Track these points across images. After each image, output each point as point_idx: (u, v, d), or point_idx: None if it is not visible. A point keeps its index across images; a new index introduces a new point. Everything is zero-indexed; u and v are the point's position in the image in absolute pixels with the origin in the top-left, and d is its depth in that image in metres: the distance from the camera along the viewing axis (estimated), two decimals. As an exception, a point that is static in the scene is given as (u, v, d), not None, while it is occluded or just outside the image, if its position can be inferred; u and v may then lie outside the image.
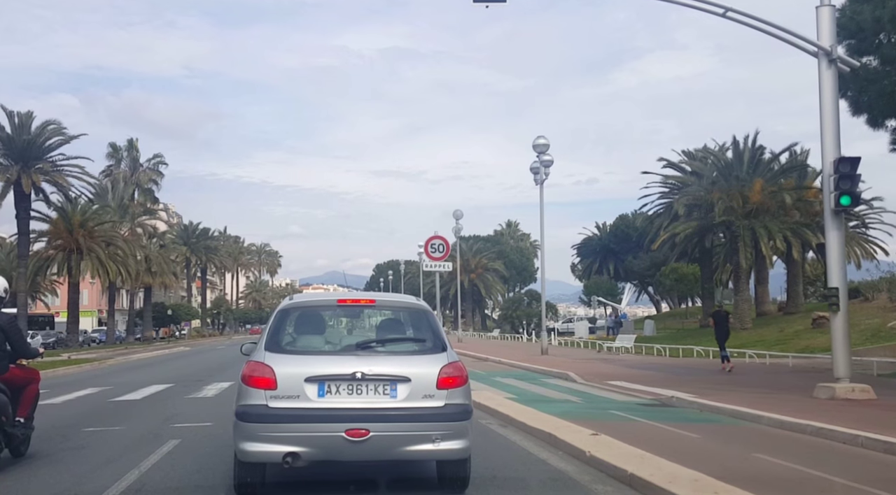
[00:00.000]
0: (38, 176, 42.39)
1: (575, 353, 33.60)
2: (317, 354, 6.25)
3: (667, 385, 16.81)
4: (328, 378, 5.88)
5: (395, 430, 5.83)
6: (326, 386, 5.87)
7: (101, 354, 41.66)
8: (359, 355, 6.09)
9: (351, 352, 6.18)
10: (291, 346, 6.34)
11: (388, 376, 5.93)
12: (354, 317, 7.20)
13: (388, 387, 5.92)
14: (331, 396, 5.86)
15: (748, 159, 38.52)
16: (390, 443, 5.85)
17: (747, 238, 36.50)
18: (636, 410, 12.79)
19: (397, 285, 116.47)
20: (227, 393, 15.84)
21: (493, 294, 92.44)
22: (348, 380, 5.87)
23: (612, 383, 17.88)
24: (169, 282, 67.33)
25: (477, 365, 27.28)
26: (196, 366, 27.83)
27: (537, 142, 31.00)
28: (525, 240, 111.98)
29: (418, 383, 5.94)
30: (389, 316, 6.93)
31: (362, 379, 5.88)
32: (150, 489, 6.65)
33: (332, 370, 5.91)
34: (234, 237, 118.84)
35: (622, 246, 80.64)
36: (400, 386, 5.92)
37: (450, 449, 5.96)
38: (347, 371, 5.88)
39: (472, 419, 6.27)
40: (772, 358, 24.22)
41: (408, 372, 5.96)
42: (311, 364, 5.99)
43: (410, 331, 6.64)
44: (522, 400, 13.96)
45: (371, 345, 6.32)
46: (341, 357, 6.11)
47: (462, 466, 6.31)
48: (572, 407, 13.18)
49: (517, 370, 24.18)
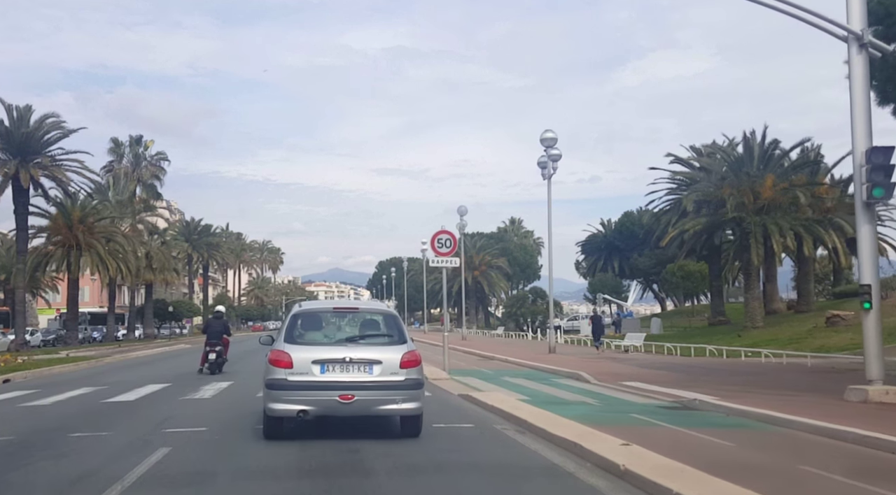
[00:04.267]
0: (36, 170, 41.62)
1: (582, 351, 32.87)
2: (319, 345, 8.97)
3: (684, 386, 16.09)
4: (327, 361, 8.63)
5: (372, 395, 8.60)
6: (326, 367, 8.60)
7: (101, 351, 41.04)
8: (347, 345, 8.90)
9: (342, 344, 8.99)
10: (302, 339, 9.02)
11: (367, 360, 8.69)
12: (344, 319, 9.90)
13: (367, 367, 8.65)
14: (329, 373, 8.59)
15: (759, 154, 37.73)
16: (369, 404, 8.63)
17: (758, 234, 35.70)
18: (658, 414, 12.06)
19: (400, 282, 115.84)
20: (224, 394, 15.13)
21: (496, 291, 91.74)
22: (340, 363, 8.62)
23: (627, 384, 17.17)
24: (170, 278, 66.66)
25: (483, 363, 26.59)
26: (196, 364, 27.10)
27: (545, 136, 30.25)
28: (529, 237, 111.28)
29: (387, 364, 8.68)
30: (368, 318, 9.75)
31: (350, 362, 8.63)
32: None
33: (330, 355, 8.67)
34: (236, 234, 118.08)
35: (627, 243, 79.78)
36: (375, 366, 8.67)
37: (408, 408, 8.76)
38: (340, 356, 8.65)
39: (423, 389, 9.19)
40: (789, 357, 23.44)
41: (380, 357, 8.72)
42: (316, 351, 8.73)
43: (383, 329, 9.39)
44: (536, 402, 13.21)
45: (355, 338, 9.15)
46: (335, 347, 8.89)
47: (417, 420, 9.05)
48: (590, 411, 12.45)
49: (525, 369, 23.46)
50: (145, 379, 18.90)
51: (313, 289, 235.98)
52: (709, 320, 47.08)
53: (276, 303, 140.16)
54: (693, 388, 15.54)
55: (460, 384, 17.17)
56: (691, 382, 17.23)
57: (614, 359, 26.91)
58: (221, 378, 18.90)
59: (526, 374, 21.03)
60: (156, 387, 16.74)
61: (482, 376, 20.31)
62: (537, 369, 22.55)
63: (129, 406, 13.24)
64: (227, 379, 18.39)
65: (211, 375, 19.80)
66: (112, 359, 32.83)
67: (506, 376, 20.36)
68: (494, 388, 16.49)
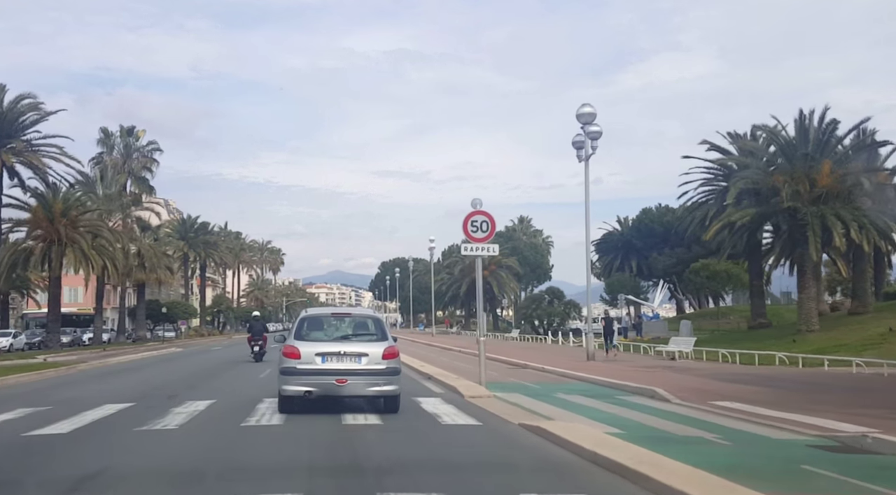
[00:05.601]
0: (9, 155, 37.75)
1: (625, 358, 28.87)
2: (321, 341, 11.80)
3: (804, 409, 12.19)
4: (327, 353, 11.43)
5: (361, 380, 11.33)
6: (326, 358, 11.38)
7: (82, 356, 37.27)
8: (342, 342, 11.75)
9: (338, 340, 11.84)
10: (307, 337, 11.87)
11: (357, 353, 11.48)
12: (340, 321, 12.68)
13: (357, 358, 11.43)
14: (328, 363, 11.34)
15: (815, 137, 33.69)
16: (358, 386, 11.38)
17: (816, 226, 31.68)
18: (828, 461, 8.11)
19: (404, 283, 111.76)
20: (199, 420, 11.18)
21: (506, 292, 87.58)
22: (337, 355, 11.40)
23: (722, 404, 13.25)
24: (164, 278, 62.53)
25: (518, 374, 22.64)
26: (178, 373, 23.21)
27: (582, 111, 26.31)
28: (538, 236, 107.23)
29: (372, 356, 11.46)
30: (359, 321, 12.81)
31: (344, 354, 11.42)
32: None
33: (329, 349, 11.50)
34: (235, 233, 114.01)
35: (646, 241, 75.82)
36: (363, 357, 11.44)
37: (388, 389, 11.51)
38: (336, 350, 11.47)
39: (401, 375, 12.02)
40: (891, 367, 19.39)
41: (367, 351, 11.52)
42: (318, 346, 11.56)
43: (370, 329, 12.25)
44: (635, 438, 9.20)
45: (349, 336, 12.04)
46: (333, 342, 11.74)
47: (395, 399, 11.78)
48: (729, 456, 8.47)
49: (573, 381, 19.48)
50: (105, 397, 14.93)
51: (314, 291, 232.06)
52: (748, 323, 43.06)
53: (277, 304, 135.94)
54: (821, 413, 11.69)
55: (510, 405, 13.26)
56: (807, 403, 13.33)
57: (670, 368, 22.96)
58: (201, 395, 14.98)
59: (581, 389, 17.04)
60: (112, 409, 12.79)
61: (528, 392, 16.34)
62: (591, 382, 18.53)
63: (53, 444, 9.21)
64: (209, 397, 14.46)
65: (192, 391, 16.00)
66: (88, 365, 28.93)
67: (558, 392, 16.37)
68: (559, 411, 12.55)
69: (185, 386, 17.61)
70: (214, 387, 17.11)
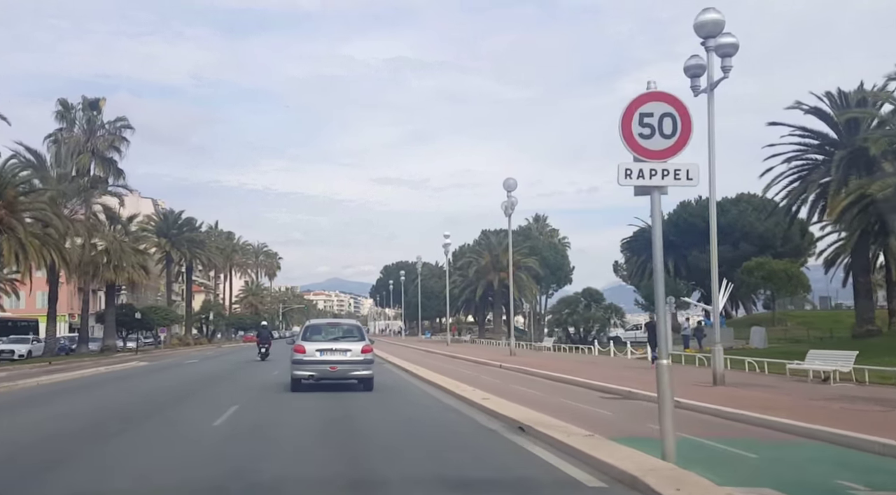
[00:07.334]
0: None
1: (763, 382, 19.88)
2: (319, 341, 18.27)
3: None
4: (324, 350, 17.91)
5: (346, 367, 17.84)
6: (323, 352, 17.83)
7: (11, 373, 29.08)
8: (334, 341, 18.41)
9: (331, 340, 18.43)
10: (310, 338, 18.40)
11: (344, 349, 17.98)
12: (333, 328, 19.86)
13: (344, 353, 17.90)
14: (324, 356, 17.78)
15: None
16: (345, 371, 17.81)
17: None
18: None
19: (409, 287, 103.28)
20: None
21: (526, 295, 78.88)
22: (330, 350, 17.93)
23: None
24: (137, 278, 53.72)
25: (639, 412, 13.77)
26: (121, 400, 14.70)
27: (705, 19, 17.87)
28: (555, 235, 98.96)
29: (354, 351, 17.97)
30: (346, 328, 19.79)
31: (335, 350, 17.95)
32: None
33: (325, 346, 18.01)
34: (226, 233, 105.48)
35: (685, 238, 67.37)
36: (348, 352, 17.92)
37: (365, 373, 17.97)
38: (330, 347, 18.04)
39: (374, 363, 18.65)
40: None
41: (351, 347, 18.03)
42: (318, 344, 18.06)
43: (353, 333, 19.08)
44: None
45: (339, 338, 18.64)
46: (328, 342, 18.27)
47: (370, 380, 18.15)
48: None
49: (766, 430, 10.91)
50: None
51: (312, 298, 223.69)
52: (853, 330, 34.60)
53: (273, 311, 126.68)
54: None
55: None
56: None
57: (857, 399, 14.46)
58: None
59: (828, 456, 8.48)
60: None
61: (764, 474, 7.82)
62: (831, 440, 9.88)
63: None
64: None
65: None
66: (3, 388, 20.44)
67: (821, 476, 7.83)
68: None
69: (118, 424, 9.03)
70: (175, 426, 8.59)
